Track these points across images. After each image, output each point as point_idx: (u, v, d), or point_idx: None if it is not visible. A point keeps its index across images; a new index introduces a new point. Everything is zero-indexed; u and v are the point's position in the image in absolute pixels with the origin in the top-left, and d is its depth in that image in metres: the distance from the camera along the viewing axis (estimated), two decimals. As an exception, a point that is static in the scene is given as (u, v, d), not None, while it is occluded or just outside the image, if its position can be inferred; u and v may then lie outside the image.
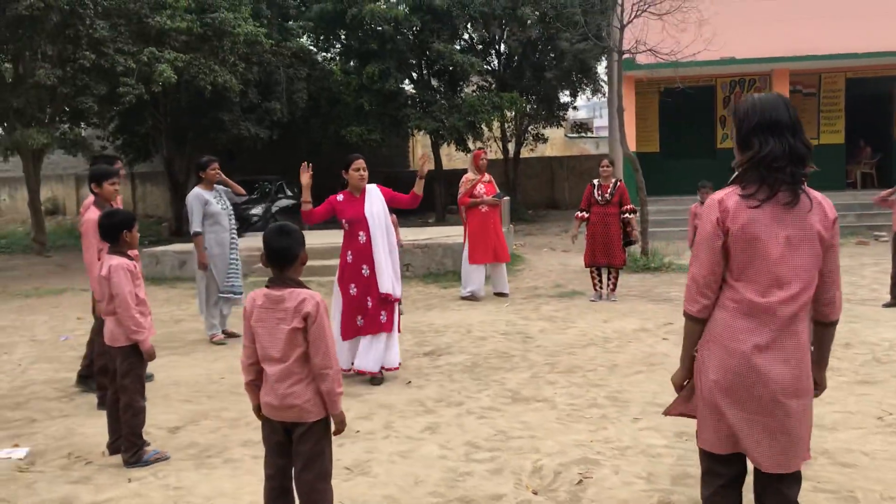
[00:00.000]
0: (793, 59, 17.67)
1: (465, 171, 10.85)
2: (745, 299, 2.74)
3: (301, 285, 3.32)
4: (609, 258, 9.91)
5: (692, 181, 20.07)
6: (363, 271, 6.38)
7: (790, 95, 18.49)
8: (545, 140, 25.45)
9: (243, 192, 8.37)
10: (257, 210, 20.75)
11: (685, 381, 2.98)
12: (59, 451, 4.98)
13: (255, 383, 3.38)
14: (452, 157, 30.52)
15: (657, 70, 15.59)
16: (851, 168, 20.30)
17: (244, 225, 20.37)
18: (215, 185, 8.10)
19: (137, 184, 28.96)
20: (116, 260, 4.67)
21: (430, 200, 26.54)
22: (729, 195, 2.83)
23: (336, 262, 12.12)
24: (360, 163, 6.51)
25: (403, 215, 28.48)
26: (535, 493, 4.07)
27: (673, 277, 11.81)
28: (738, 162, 2.95)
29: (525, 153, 26.29)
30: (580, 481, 4.17)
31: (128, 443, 4.64)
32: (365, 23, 21.36)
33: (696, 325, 2.84)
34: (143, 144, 23.39)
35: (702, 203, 9.42)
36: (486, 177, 10.63)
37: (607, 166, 9.96)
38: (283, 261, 3.30)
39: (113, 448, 4.84)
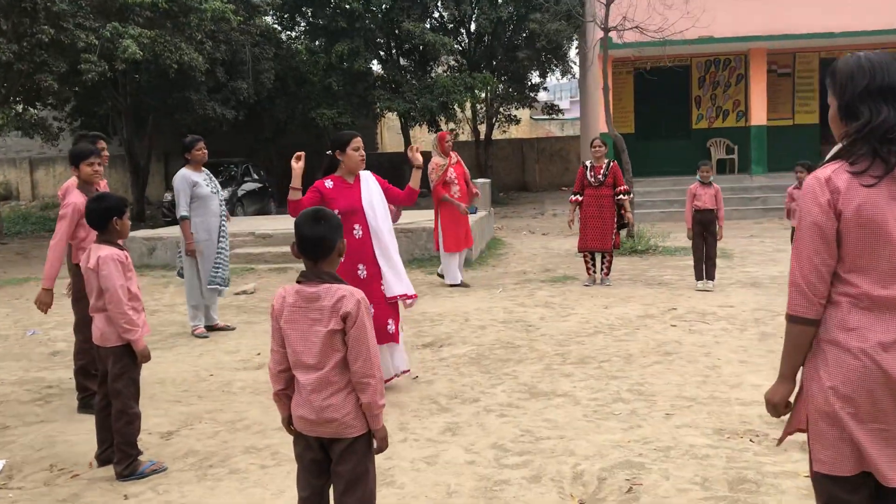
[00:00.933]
0: (770, 38, 17.52)
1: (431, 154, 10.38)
2: (863, 293, 2.35)
3: (338, 280, 2.87)
4: (602, 243, 9.58)
5: (668, 162, 20.13)
6: (359, 272, 5.40)
7: (766, 75, 18.36)
8: (517, 121, 25.10)
9: None
10: (223, 194, 20.02)
11: (788, 397, 2.54)
12: (39, 464, 4.49)
13: (285, 393, 2.94)
14: (416, 139, 30.11)
15: (640, 49, 15.22)
16: (825, 148, 20.26)
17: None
18: (203, 167, 7.57)
19: (95, 167, 27.94)
20: (106, 250, 4.17)
21: (401, 183, 26.08)
22: (837, 173, 2.38)
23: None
24: (359, 141, 5.49)
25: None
26: (583, 504, 3.70)
27: (662, 260, 11.56)
28: (842, 133, 2.50)
29: (496, 135, 25.91)
30: (630, 489, 3.81)
31: (121, 453, 4.17)
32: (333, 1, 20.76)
33: (808, 328, 2.41)
34: (102, 126, 22.49)
35: (799, 186, 8.98)
36: (454, 158, 10.20)
37: (600, 146, 9.60)
38: (318, 251, 2.85)
39: (102, 459, 4.36)
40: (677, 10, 12.93)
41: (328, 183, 5.44)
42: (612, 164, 9.66)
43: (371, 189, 5.56)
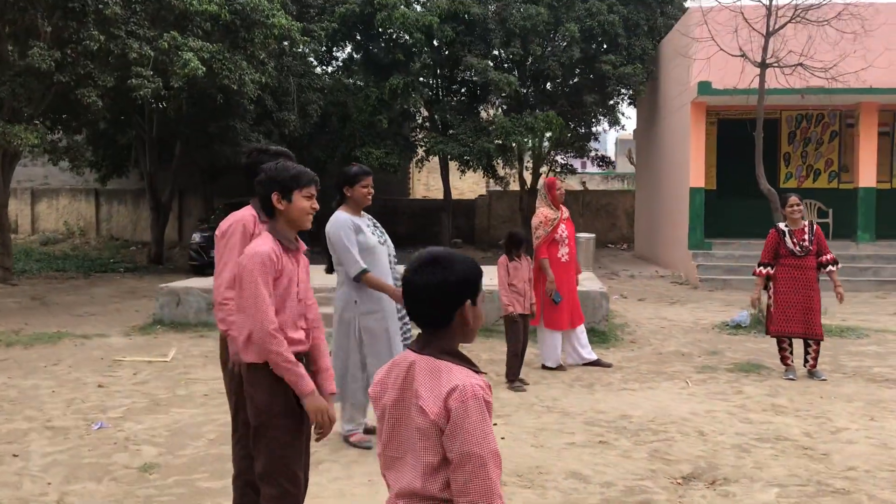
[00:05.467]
0: (885, 92, 15.71)
1: (471, 202, 8.45)
2: None
3: None
4: (808, 327, 7.54)
5: (752, 223, 18.16)
6: None
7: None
8: (573, 171, 23.19)
9: None
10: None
11: None
12: None
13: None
14: (457, 187, 28.12)
15: (803, 96, 12.93)
16: (925, 216, 18.54)
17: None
18: (364, 212, 5.44)
19: (102, 202, 25.73)
20: (461, 376, 2.05)
21: (437, 233, 24.04)
22: None
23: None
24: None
25: (401, 247, 25.88)
26: None
27: (838, 343, 9.45)
28: None
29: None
30: None
31: None
32: (391, 31, 18.95)
33: None
34: (123, 157, 20.41)
35: None
36: (565, 212, 8.19)
37: (798, 204, 7.61)
38: None
39: None
40: (842, 46, 11.05)
41: None
42: (815, 227, 7.68)
43: None
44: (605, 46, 19.95)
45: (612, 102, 22.40)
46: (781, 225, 7.73)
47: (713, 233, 17.28)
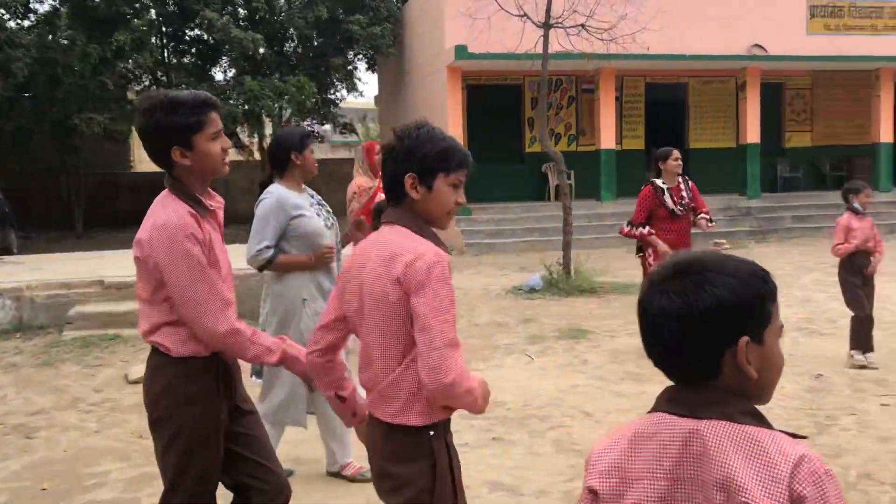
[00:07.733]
0: (623, 57, 16.62)
1: None
2: None
3: None
4: None
5: (502, 188, 18.60)
6: None
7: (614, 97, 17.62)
8: (324, 140, 22.17)
9: None
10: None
11: None
12: None
13: None
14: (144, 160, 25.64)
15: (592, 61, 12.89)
16: (649, 174, 20.10)
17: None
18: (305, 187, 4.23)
19: None
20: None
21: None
22: None
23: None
24: None
25: (124, 228, 23.18)
26: None
27: (626, 301, 9.63)
28: None
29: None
30: None
31: None
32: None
33: None
34: None
35: (856, 212, 6.42)
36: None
37: (680, 158, 6.89)
38: None
39: None
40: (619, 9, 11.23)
41: None
42: (689, 182, 6.99)
43: None
44: (344, 8, 19.11)
45: (350, 67, 21.72)
46: (658, 181, 6.84)
47: (469, 199, 17.28)
